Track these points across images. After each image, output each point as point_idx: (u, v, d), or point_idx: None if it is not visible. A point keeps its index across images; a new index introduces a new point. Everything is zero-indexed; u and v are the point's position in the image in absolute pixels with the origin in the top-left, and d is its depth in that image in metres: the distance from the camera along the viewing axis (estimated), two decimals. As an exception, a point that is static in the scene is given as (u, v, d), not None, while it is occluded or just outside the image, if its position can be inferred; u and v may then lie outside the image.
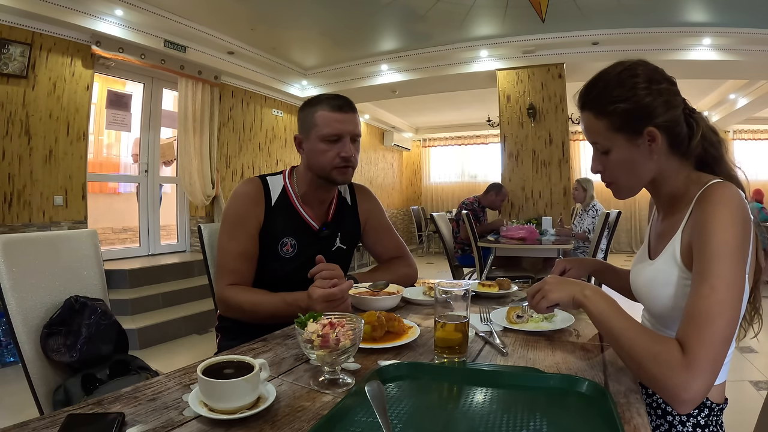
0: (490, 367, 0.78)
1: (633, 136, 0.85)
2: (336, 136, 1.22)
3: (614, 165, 0.89)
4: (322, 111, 1.23)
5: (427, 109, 8.36)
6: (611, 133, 0.86)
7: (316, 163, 1.26)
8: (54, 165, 3.77)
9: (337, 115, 1.23)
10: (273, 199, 1.29)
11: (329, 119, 1.22)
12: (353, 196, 1.46)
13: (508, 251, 3.74)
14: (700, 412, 0.86)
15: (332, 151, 1.23)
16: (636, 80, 0.84)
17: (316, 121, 1.23)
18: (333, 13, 4.38)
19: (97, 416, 0.61)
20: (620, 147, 0.86)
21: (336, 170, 1.24)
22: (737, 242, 0.72)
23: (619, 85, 0.84)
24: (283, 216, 1.29)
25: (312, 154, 1.26)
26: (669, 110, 0.84)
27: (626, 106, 0.83)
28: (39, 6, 3.44)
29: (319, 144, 1.23)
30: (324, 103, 1.24)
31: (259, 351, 0.89)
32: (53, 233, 1.32)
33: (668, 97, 0.84)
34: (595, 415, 0.59)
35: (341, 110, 1.23)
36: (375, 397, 0.58)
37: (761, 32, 4.51)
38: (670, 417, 0.87)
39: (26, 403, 1.18)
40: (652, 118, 0.83)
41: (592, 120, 0.88)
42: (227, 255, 1.24)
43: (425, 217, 9.41)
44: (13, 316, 1.10)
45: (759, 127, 8.35)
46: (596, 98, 0.87)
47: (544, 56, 5.16)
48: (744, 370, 2.78)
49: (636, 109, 0.83)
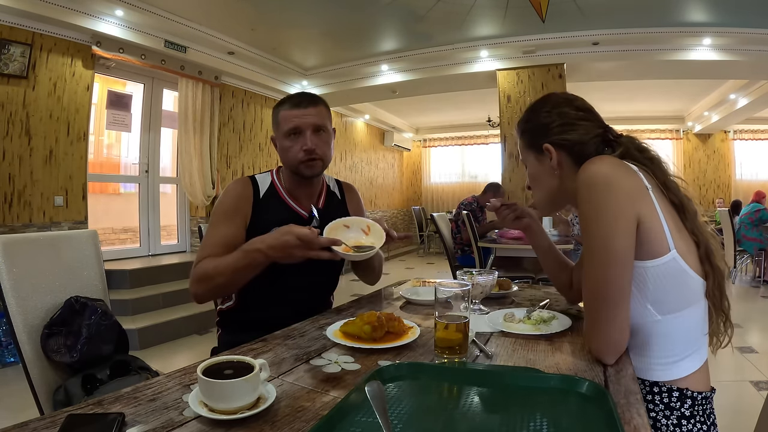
0: (490, 368, 0.78)
1: (538, 153, 1.00)
2: (295, 129, 1.27)
3: (530, 179, 1.05)
4: (283, 110, 1.29)
5: (428, 110, 8.37)
6: (525, 150, 1.04)
7: (285, 159, 1.32)
8: (54, 165, 3.77)
9: (295, 111, 1.28)
10: (261, 193, 1.33)
11: (289, 116, 1.28)
12: (341, 191, 1.50)
13: (508, 251, 3.74)
14: (683, 403, 0.86)
15: (296, 145, 1.27)
16: (543, 106, 1.01)
17: (280, 120, 1.30)
18: (333, 13, 4.39)
19: (97, 416, 0.61)
20: (531, 163, 1.03)
21: (302, 164, 1.28)
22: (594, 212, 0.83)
23: (530, 111, 1.03)
24: (272, 208, 1.32)
25: (282, 152, 1.32)
26: (567, 131, 0.96)
27: (530, 126, 1.02)
28: (39, 6, 3.44)
29: (285, 141, 1.29)
30: (286, 102, 1.31)
31: (259, 351, 0.89)
32: (54, 233, 1.32)
33: (567, 120, 0.96)
34: (595, 415, 0.59)
35: (299, 106, 1.28)
36: (375, 398, 0.58)
37: (761, 32, 4.51)
38: (653, 413, 0.87)
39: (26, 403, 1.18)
40: (547, 135, 0.97)
41: (518, 141, 1.06)
42: (206, 243, 1.24)
43: (426, 217, 9.41)
44: (14, 317, 1.10)
45: (759, 127, 8.36)
46: (519, 122, 1.06)
47: (545, 56, 5.16)
48: (744, 370, 2.78)
49: (535, 128, 1.00)
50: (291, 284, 1.28)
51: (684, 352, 0.87)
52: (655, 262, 0.82)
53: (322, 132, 1.30)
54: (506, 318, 1.05)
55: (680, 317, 0.85)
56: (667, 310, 0.84)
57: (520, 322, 1.03)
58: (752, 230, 5.54)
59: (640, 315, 0.85)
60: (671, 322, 0.85)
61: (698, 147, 8.71)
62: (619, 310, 0.80)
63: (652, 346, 0.87)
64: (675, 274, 0.83)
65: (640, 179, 0.85)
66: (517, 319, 1.05)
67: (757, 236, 5.49)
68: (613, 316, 0.80)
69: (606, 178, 0.82)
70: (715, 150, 8.68)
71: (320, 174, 1.35)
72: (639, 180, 0.85)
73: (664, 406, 0.86)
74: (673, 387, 0.86)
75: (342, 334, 0.93)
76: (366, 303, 1.32)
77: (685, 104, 7.94)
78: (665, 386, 0.86)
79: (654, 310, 0.84)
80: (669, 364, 0.87)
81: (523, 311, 1.09)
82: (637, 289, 0.84)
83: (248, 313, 1.32)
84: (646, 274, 0.83)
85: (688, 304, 0.85)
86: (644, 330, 0.86)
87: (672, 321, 0.85)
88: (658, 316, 0.84)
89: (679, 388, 0.86)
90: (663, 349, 0.86)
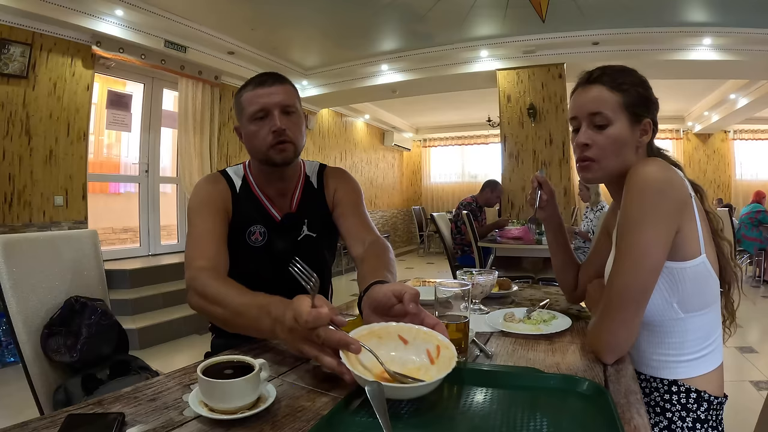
0: (490, 367, 0.78)
1: (634, 120, 0.92)
2: (262, 111, 1.12)
3: (607, 141, 0.92)
4: (246, 92, 1.15)
5: (428, 109, 8.36)
6: (620, 108, 0.91)
7: (253, 148, 1.17)
8: (54, 165, 3.77)
9: (260, 90, 1.13)
10: (237, 187, 1.21)
11: (253, 96, 1.13)
12: (320, 179, 1.31)
13: (508, 251, 3.74)
14: (699, 406, 0.86)
15: (263, 129, 1.12)
16: (644, 79, 0.95)
17: (243, 103, 1.15)
18: (333, 13, 4.38)
19: (97, 416, 0.61)
20: (621, 125, 0.92)
21: (272, 149, 1.13)
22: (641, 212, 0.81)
23: (633, 75, 0.94)
24: (248, 204, 1.21)
25: (248, 139, 1.16)
26: (655, 114, 0.95)
27: (641, 91, 0.93)
28: (39, 6, 3.44)
29: (250, 126, 1.14)
30: (249, 84, 1.16)
31: (259, 351, 0.89)
32: (54, 233, 1.32)
33: (657, 104, 0.96)
34: (595, 415, 0.59)
35: (264, 84, 1.13)
36: (375, 398, 0.58)
37: (761, 32, 4.51)
38: (669, 413, 0.87)
39: (26, 403, 1.18)
40: (652, 112, 0.94)
41: (605, 92, 0.92)
42: (192, 239, 1.11)
43: (426, 217, 9.41)
44: (14, 317, 1.10)
45: (759, 127, 8.35)
46: (615, 75, 0.93)
47: (545, 56, 5.16)
48: (744, 370, 2.78)
49: (645, 98, 0.93)
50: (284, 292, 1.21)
51: (702, 351, 0.88)
52: (689, 263, 0.84)
53: (293, 114, 1.15)
54: (506, 318, 1.05)
55: (699, 316, 0.87)
56: (690, 309, 0.86)
57: (520, 322, 1.03)
58: (752, 230, 5.54)
59: (663, 312, 0.87)
60: (692, 320, 0.87)
61: (698, 147, 8.71)
62: (635, 316, 0.81)
63: (672, 343, 0.88)
64: (703, 276, 0.85)
65: (687, 187, 0.85)
66: (517, 319, 1.05)
67: (757, 236, 5.49)
68: (627, 320, 0.81)
69: (660, 184, 0.81)
70: (715, 150, 8.68)
71: (293, 161, 1.18)
72: (686, 188, 0.85)
73: (681, 407, 0.87)
74: (691, 388, 0.87)
75: (342, 334, 0.91)
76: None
77: (685, 104, 7.94)
78: (684, 386, 0.87)
79: (679, 309, 0.86)
80: (687, 362, 0.88)
81: (523, 311, 1.09)
82: (667, 288, 0.85)
83: None
84: (679, 275, 0.84)
85: (708, 304, 0.88)
86: (665, 327, 0.88)
87: (693, 319, 0.87)
88: (682, 314, 0.86)
89: (697, 390, 0.87)
90: (682, 345, 0.88)
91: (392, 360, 0.69)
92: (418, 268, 7.61)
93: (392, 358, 0.70)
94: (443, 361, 0.67)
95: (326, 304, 0.72)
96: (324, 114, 7.41)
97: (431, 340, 0.70)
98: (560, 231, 1.21)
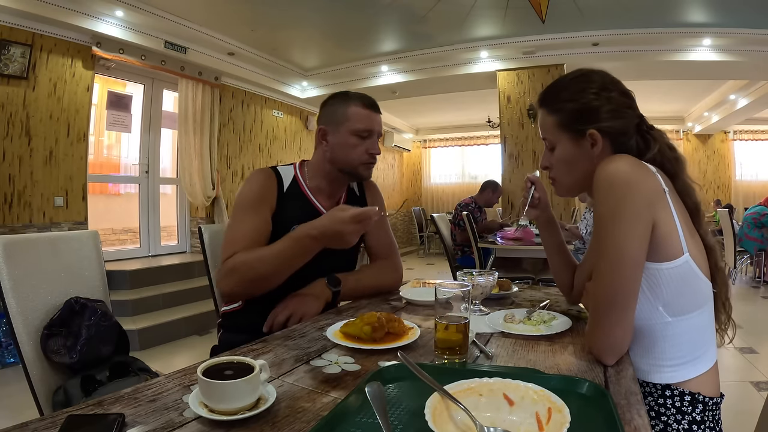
0: (490, 368, 0.78)
1: (577, 135, 0.92)
2: (368, 132, 1.27)
3: (557, 161, 0.97)
4: (356, 107, 1.27)
5: (428, 110, 8.37)
6: (558, 130, 0.94)
7: (343, 156, 1.28)
8: (54, 166, 3.77)
9: (369, 113, 1.28)
10: (285, 186, 1.31)
11: (363, 115, 1.27)
12: (361, 188, 1.48)
13: (508, 252, 3.74)
14: (694, 408, 0.85)
15: (362, 146, 1.27)
16: (588, 85, 0.92)
17: (349, 116, 1.27)
18: (333, 14, 4.39)
19: (97, 417, 0.61)
20: (564, 144, 0.94)
21: (363, 165, 1.29)
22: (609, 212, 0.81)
23: (572, 87, 0.93)
24: (294, 204, 1.30)
25: (339, 148, 1.28)
26: (615, 118, 0.90)
27: (573, 106, 0.92)
28: (39, 7, 3.44)
29: (350, 138, 1.27)
30: (357, 99, 1.29)
31: (259, 352, 0.89)
32: (54, 234, 1.32)
33: (616, 107, 0.91)
34: (595, 415, 0.59)
35: (373, 108, 1.29)
36: (375, 398, 0.58)
37: (761, 32, 4.52)
38: (664, 417, 0.86)
39: (26, 404, 1.18)
40: (596, 120, 0.90)
41: (545, 116, 0.96)
42: (233, 237, 1.19)
43: (426, 218, 9.40)
44: (14, 317, 1.10)
45: (759, 128, 8.36)
46: (551, 97, 0.96)
47: (545, 57, 5.16)
48: (744, 371, 2.78)
49: (581, 110, 0.91)
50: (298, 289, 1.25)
51: (693, 354, 0.86)
52: (669, 264, 0.82)
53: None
54: (506, 319, 1.04)
55: (690, 319, 0.85)
56: (677, 312, 0.84)
57: (520, 323, 1.03)
58: (754, 230, 5.54)
59: (651, 316, 0.85)
60: (681, 324, 0.85)
61: (698, 147, 8.71)
62: (626, 313, 0.80)
63: (661, 348, 0.86)
64: (687, 276, 0.83)
65: (658, 182, 0.83)
66: (518, 320, 1.05)
67: (759, 236, 5.49)
68: (620, 319, 0.80)
69: (626, 178, 0.80)
70: (715, 150, 8.68)
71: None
72: (657, 182, 0.83)
73: (675, 410, 0.86)
74: (685, 391, 0.86)
75: (342, 335, 0.92)
76: (366, 303, 1.32)
77: (685, 105, 7.94)
78: (677, 389, 0.86)
79: (665, 312, 0.84)
80: (678, 365, 0.86)
81: (524, 312, 1.09)
82: (649, 290, 0.84)
83: (253, 315, 1.28)
84: (660, 276, 0.82)
85: (698, 306, 0.86)
86: (654, 331, 0.86)
87: (682, 323, 0.85)
88: (669, 317, 0.84)
89: (691, 392, 0.85)
90: (672, 350, 0.86)
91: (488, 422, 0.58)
92: (418, 269, 7.61)
93: (488, 419, 0.58)
94: (554, 427, 0.55)
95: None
96: (324, 115, 7.41)
97: (543, 401, 0.59)
98: (554, 230, 1.21)
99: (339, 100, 1.30)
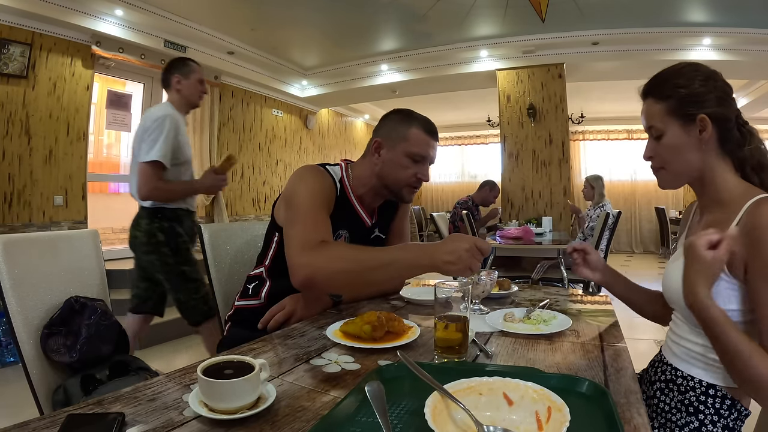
0: (490, 368, 0.78)
1: (686, 122, 0.91)
2: (422, 157, 1.26)
3: (665, 149, 0.94)
4: (417, 130, 1.25)
5: (428, 109, 8.23)
6: (667, 117, 0.93)
7: (391, 174, 1.27)
8: (54, 165, 3.77)
9: (429, 139, 1.26)
10: (338, 189, 1.27)
11: (422, 140, 1.25)
12: (395, 203, 1.47)
13: (507, 251, 3.74)
14: (731, 414, 0.86)
15: (413, 169, 1.25)
16: (695, 73, 0.92)
17: (409, 137, 1.25)
18: (333, 13, 4.38)
19: (97, 416, 0.61)
20: (673, 131, 0.93)
21: (407, 188, 1.28)
22: None
23: (680, 76, 0.93)
24: (342, 210, 1.27)
25: (391, 165, 1.26)
26: (721, 105, 0.90)
27: (683, 92, 0.91)
28: (39, 6, 3.44)
29: (404, 159, 1.25)
30: (419, 122, 1.27)
31: (259, 351, 0.89)
32: (54, 233, 1.32)
33: (722, 95, 0.91)
34: (595, 415, 0.59)
35: (433, 135, 1.28)
36: (375, 398, 0.58)
37: (761, 32, 4.52)
38: (701, 415, 0.87)
39: (26, 403, 1.18)
40: (704, 106, 0.90)
41: (652, 105, 0.96)
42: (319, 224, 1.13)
43: (425, 217, 9.40)
44: (14, 316, 1.10)
45: (759, 127, 8.30)
46: (658, 85, 0.96)
47: (544, 56, 5.16)
48: (744, 370, 2.77)
49: (691, 95, 0.91)
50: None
51: None
52: None
53: None
54: (506, 318, 1.05)
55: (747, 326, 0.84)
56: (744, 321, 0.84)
57: (520, 322, 1.04)
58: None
59: (750, 329, 0.83)
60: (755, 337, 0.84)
61: (698, 147, 8.69)
62: None
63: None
64: None
65: None
66: (517, 319, 1.05)
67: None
68: None
69: None
70: (715, 150, 8.67)
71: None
72: None
73: (714, 411, 0.87)
74: (727, 395, 0.87)
75: (342, 334, 0.93)
76: (366, 303, 1.32)
77: (685, 104, 7.93)
78: (721, 391, 0.87)
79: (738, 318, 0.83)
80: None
81: (523, 311, 1.09)
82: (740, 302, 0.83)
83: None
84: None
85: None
86: None
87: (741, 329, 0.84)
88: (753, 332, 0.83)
89: (732, 398, 0.86)
90: None
91: (488, 421, 0.57)
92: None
93: (487, 418, 0.58)
94: (554, 426, 0.55)
95: None
96: (324, 114, 7.42)
97: (542, 400, 0.59)
98: (620, 278, 1.15)
99: (401, 118, 1.28)
